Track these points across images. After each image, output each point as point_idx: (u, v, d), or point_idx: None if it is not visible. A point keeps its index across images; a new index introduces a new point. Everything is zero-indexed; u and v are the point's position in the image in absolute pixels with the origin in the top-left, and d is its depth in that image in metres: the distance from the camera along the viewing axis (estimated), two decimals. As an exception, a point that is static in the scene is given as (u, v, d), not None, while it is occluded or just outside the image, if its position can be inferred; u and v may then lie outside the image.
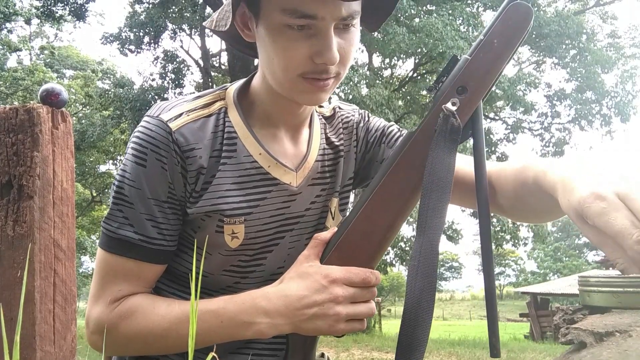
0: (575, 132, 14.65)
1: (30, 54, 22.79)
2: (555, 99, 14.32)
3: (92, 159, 20.04)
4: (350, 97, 10.48)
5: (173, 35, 14.31)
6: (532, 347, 10.31)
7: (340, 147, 0.91)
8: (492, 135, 14.73)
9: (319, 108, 0.94)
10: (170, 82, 14.01)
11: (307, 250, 0.75)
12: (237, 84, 0.84)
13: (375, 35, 11.11)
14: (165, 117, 0.76)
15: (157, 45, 14.09)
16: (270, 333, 0.72)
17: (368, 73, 11.87)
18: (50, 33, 23.43)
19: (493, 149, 14.45)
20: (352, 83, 10.55)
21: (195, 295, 0.43)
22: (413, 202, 0.71)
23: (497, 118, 15.67)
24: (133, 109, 12.73)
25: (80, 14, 13.84)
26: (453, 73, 0.70)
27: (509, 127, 15.22)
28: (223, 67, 16.11)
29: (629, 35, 15.78)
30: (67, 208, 1.13)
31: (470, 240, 50.18)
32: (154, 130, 0.75)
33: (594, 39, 13.89)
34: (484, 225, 0.65)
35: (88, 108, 19.94)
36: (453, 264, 52.81)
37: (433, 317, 0.66)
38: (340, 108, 0.95)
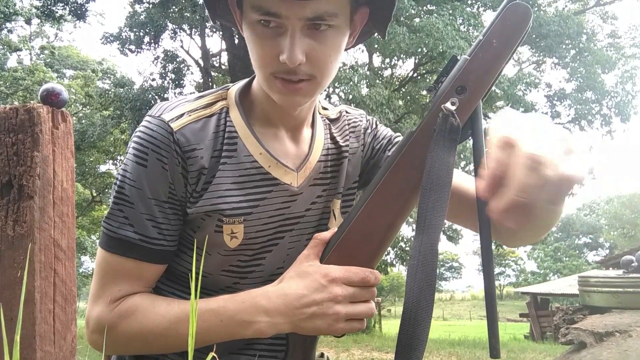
0: (576, 132, 14.64)
1: (31, 54, 22.80)
2: (555, 99, 14.32)
3: (92, 159, 20.05)
4: (350, 96, 10.47)
5: (173, 35, 14.31)
6: (532, 347, 10.31)
7: (345, 147, 0.91)
8: (492, 135, 14.73)
9: (323, 110, 0.94)
10: (171, 82, 14.01)
11: (307, 250, 0.75)
12: (239, 84, 0.84)
13: (375, 35, 11.10)
14: (167, 117, 0.76)
15: (157, 45, 14.09)
16: (270, 332, 0.72)
17: (368, 73, 11.87)
18: (51, 33, 23.46)
19: (493, 149, 14.44)
20: (352, 83, 10.54)
21: (195, 295, 0.43)
22: (413, 201, 0.71)
23: (497, 118, 15.63)
24: (133, 109, 12.73)
25: (81, 14, 13.84)
26: (452, 73, 0.70)
27: (509, 127, 15.19)
28: (223, 67, 16.11)
29: (629, 35, 15.79)
30: (67, 208, 1.13)
31: (470, 240, 50.27)
32: (156, 131, 0.75)
33: (594, 39, 13.88)
34: (484, 226, 0.65)
35: (88, 108, 19.94)
36: (453, 264, 52.80)
37: (433, 317, 0.65)
38: (348, 112, 0.96)
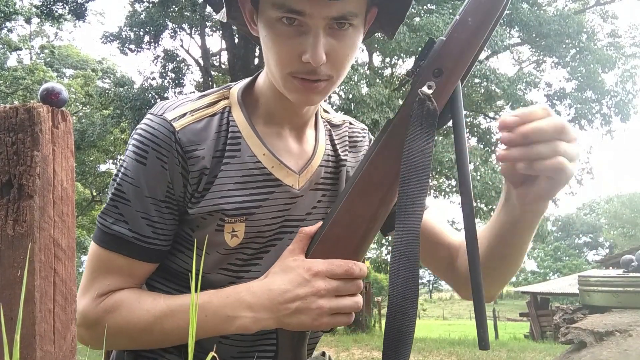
0: (576, 131, 14.62)
1: (31, 53, 22.79)
2: (555, 99, 14.31)
3: (92, 159, 20.04)
4: (350, 96, 10.47)
5: (173, 35, 14.30)
6: (532, 346, 10.31)
7: (344, 157, 0.90)
8: (491, 135, 14.72)
9: (325, 114, 0.94)
10: (171, 81, 14.00)
11: (292, 245, 0.74)
12: (241, 83, 0.84)
13: (377, 35, 11.10)
14: (170, 116, 0.75)
15: (157, 45, 14.08)
16: (254, 328, 0.71)
17: (368, 72, 11.86)
18: (51, 32, 23.46)
19: (493, 149, 14.44)
20: (352, 82, 10.54)
21: (195, 293, 0.43)
22: (394, 190, 0.69)
23: (497, 118, 15.66)
24: (133, 108, 12.72)
25: (80, 13, 13.83)
26: (429, 56, 0.67)
27: (509, 126, 15.17)
28: (223, 66, 16.11)
29: (629, 35, 15.77)
30: (67, 207, 1.13)
31: (470, 240, 49.94)
32: (157, 129, 0.74)
33: (594, 38, 13.87)
34: (467, 209, 0.63)
35: (88, 107, 19.94)
36: (453, 264, 52.68)
37: (433, 316, 0.65)
38: (352, 124, 0.97)
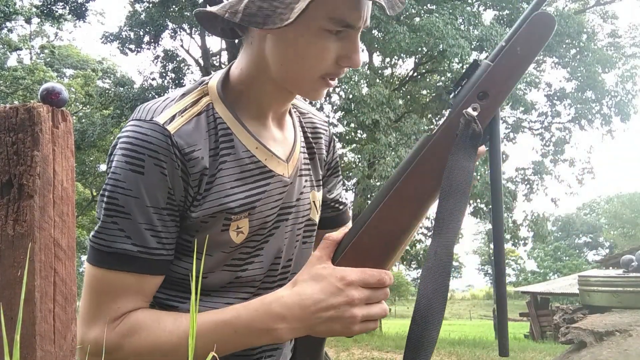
0: (576, 131, 14.64)
1: (31, 53, 22.79)
2: (556, 99, 14.30)
3: (92, 158, 20.03)
4: (351, 96, 10.47)
5: (173, 35, 14.30)
6: (532, 346, 10.31)
7: (314, 144, 0.94)
8: (492, 135, 14.72)
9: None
10: (171, 81, 14.01)
11: (318, 251, 0.74)
12: (217, 77, 0.83)
13: (376, 34, 11.10)
14: (160, 119, 0.73)
15: (157, 45, 14.08)
16: (288, 338, 0.71)
17: (368, 72, 11.86)
18: (51, 32, 23.44)
19: (493, 149, 14.43)
20: (352, 82, 10.53)
21: (196, 297, 0.43)
22: (429, 204, 0.71)
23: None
24: (133, 108, 12.63)
25: (80, 13, 13.83)
26: (474, 78, 0.70)
27: (509, 126, 15.21)
28: (223, 66, 16.05)
29: (630, 35, 15.75)
30: (67, 207, 1.13)
31: (470, 240, 50.20)
32: (151, 135, 0.72)
33: (595, 39, 13.87)
34: (497, 228, 0.66)
35: (88, 107, 19.93)
36: (453, 264, 52.72)
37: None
38: (314, 114, 0.99)
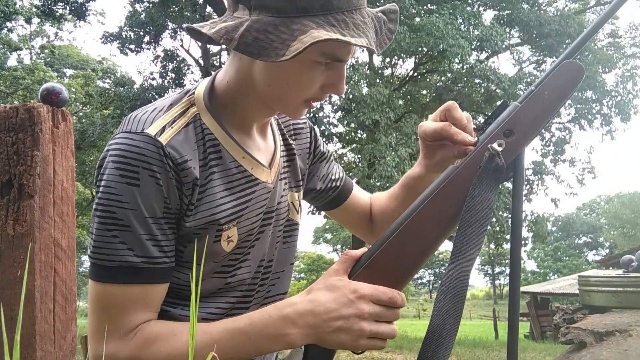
0: (576, 131, 14.64)
1: (31, 53, 22.79)
2: (556, 99, 14.28)
3: (92, 158, 20.02)
4: (351, 96, 10.47)
5: (173, 35, 14.30)
6: (532, 346, 10.31)
7: (293, 145, 0.96)
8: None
9: None
10: (171, 81, 14.01)
11: (336, 265, 0.76)
12: (202, 87, 0.84)
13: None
14: (151, 131, 0.74)
15: (157, 45, 14.08)
16: (299, 344, 0.72)
17: (368, 72, 11.86)
18: (51, 32, 23.45)
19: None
20: (352, 82, 10.54)
21: (196, 302, 0.43)
22: (448, 231, 0.74)
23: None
24: (133, 108, 12.71)
25: (81, 13, 13.84)
26: (502, 116, 0.75)
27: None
28: (223, 66, 16.08)
29: (630, 35, 15.76)
30: (67, 207, 1.13)
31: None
32: (143, 147, 0.72)
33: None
34: (515, 263, 0.70)
35: (88, 107, 19.93)
36: (453, 264, 52.53)
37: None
38: None
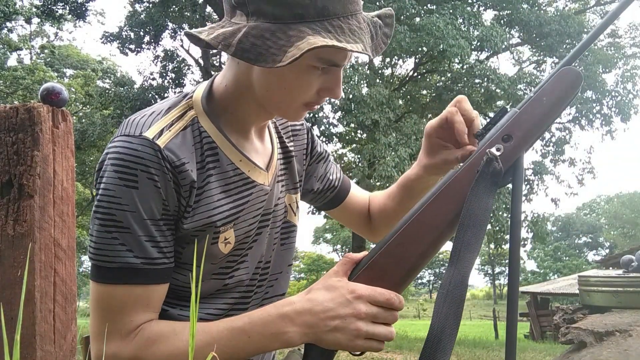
0: (576, 131, 14.65)
1: (31, 53, 22.80)
2: (556, 99, 14.28)
3: (92, 158, 20.02)
4: (351, 96, 10.47)
5: (173, 35, 14.31)
6: (532, 346, 10.31)
7: (291, 147, 0.97)
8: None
9: None
10: (171, 81, 14.02)
11: (337, 267, 0.77)
12: (200, 91, 0.85)
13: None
14: (149, 134, 0.75)
15: (157, 45, 14.09)
16: (298, 342, 0.73)
17: (368, 72, 11.86)
18: (51, 32, 23.45)
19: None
20: (352, 82, 10.54)
21: (196, 302, 0.43)
22: (447, 235, 0.74)
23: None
24: (133, 108, 12.73)
25: (81, 13, 13.85)
26: (501, 122, 0.76)
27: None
28: (223, 66, 16.05)
29: (630, 35, 15.77)
30: (67, 207, 1.13)
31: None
32: (141, 150, 0.73)
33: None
34: (513, 265, 0.70)
35: (88, 107, 19.93)
36: (453, 264, 52.51)
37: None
38: None
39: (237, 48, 0.72)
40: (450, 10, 11.10)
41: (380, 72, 14.11)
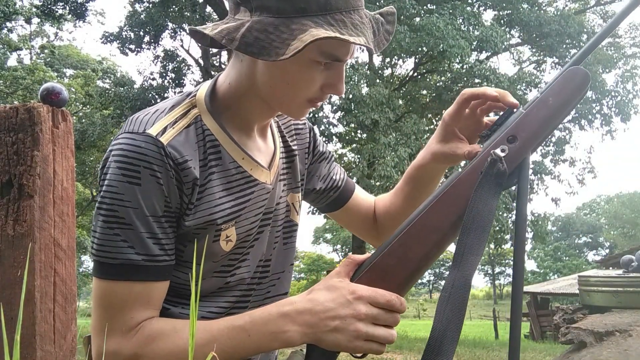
0: (576, 131, 14.64)
1: (31, 53, 22.80)
2: (556, 99, 14.29)
3: (92, 159, 20.03)
4: (351, 96, 10.47)
5: (173, 35, 14.32)
6: (532, 346, 10.31)
7: (293, 146, 0.97)
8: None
9: None
10: (171, 81, 14.02)
11: (339, 268, 0.77)
12: (204, 89, 0.85)
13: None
14: (152, 132, 0.75)
15: (157, 45, 14.10)
16: (298, 342, 0.73)
17: (368, 72, 11.86)
18: (51, 32, 23.46)
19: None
20: (352, 82, 10.54)
21: (196, 301, 0.43)
22: (450, 237, 0.74)
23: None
24: (133, 108, 12.73)
25: (81, 13, 13.85)
26: (506, 123, 0.75)
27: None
28: (223, 66, 16.11)
29: (630, 35, 15.77)
30: (67, 207, 1.13)
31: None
32: (145, 147, 0.74)
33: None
34: (518, 267, 0.69)
35: (88, 107, 19.93)
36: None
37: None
38: None
39: (240, 42, 0.72)
40: (450, 11, 11.10)
41: (380, 72, 14.11)
